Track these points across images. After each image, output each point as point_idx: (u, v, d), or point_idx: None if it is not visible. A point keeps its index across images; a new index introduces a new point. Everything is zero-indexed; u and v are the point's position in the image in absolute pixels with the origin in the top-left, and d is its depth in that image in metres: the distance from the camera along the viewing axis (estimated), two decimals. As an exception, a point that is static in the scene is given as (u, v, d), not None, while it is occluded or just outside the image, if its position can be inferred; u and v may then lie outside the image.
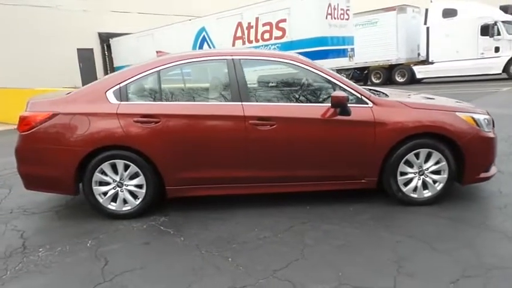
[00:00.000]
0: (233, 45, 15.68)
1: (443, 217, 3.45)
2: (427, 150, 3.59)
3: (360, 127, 3.54)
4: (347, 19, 14.40)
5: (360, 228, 3.30)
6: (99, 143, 3.47)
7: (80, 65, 20.67)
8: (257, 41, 15.06)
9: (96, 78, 15.36)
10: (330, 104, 3.51)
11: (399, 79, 18.67)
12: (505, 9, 16.94)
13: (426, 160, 3.63)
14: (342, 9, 13.96)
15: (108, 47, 21.21)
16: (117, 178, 3.57)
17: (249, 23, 15.05)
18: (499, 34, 15.97)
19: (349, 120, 3.51)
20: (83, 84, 9.01)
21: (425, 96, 4.32)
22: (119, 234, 3.38)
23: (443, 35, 17.17)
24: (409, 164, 3.63)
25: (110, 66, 21.52)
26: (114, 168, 3.56)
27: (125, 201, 3.64)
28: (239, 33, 15.50)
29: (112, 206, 3.64)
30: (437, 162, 3.62)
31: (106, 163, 3.52)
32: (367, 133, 3.55)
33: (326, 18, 13.41)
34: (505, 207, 3.58)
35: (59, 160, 3.52)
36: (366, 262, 2.76)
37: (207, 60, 3.79)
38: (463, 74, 16.86)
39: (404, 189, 3.67)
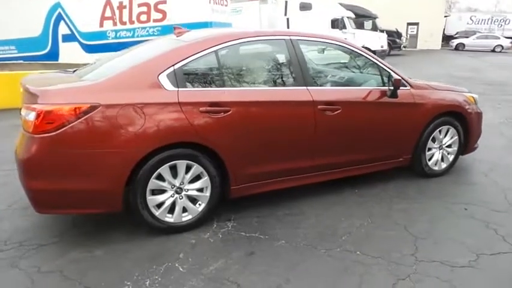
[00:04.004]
0: (101, 26, 13.91)
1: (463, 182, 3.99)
2: (447, 126, 4.03)
3: (404, 108, 3.72)
4: (226, 5, 14.43)
5: (419, 200, 3.55)
6: (160, 141, 2.73)
7: None
8: (132, 22, 13.68)
9: None
10: (381, 87, 3.59)
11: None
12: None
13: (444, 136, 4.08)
14: (222, -5, 13.93)
15: None
16: (177, 183, 2.89)
17: (121, 3, 13.54)
18: (345, 27, 18.48)
19: (397, 102, 3.65)
20: None
21: None
22: (202, 249, 2.76)
23: (300, 26, 18.86)
24: (433, 140, 4.01)
25: None
26: (172, 171, 2.86)
27: (183, 210, 2.98)
28: (108, 13, 13.80)
29: (169, 218, 2.93)
30: (451, 137, 4.10)
31: (165, 166, 2.80)
32: (409, 114, 3.76)
33: (210, 2, 13.17)
34: (491, 171, 4.34)
35: (102, 168, 2.63)
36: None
37: (266, 40, 3.35)
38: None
39: (430, 163, 4.05)
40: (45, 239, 2.89)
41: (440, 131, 4.01)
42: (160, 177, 2.81)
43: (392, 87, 3.56)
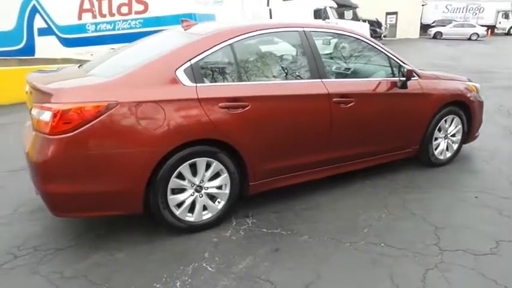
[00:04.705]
0: (80, 18, 13.45)
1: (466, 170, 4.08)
2: (452, 116, 4.08)
3: (413, 99, 3.75)
4: (209, -4, 14.23)
5: (430, 189, 3.61)
6: (181, 139, 2.65)
7: None
8: (112, 15, 13.28)
9: None
10: (391, 78, 3.60)
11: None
12: None
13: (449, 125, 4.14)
14: (203, -15, 13.71)
15: None
16: (197, 181, 2.83)
17: (100, -6, 13.16)
18: (328, 17, 18.50)
19: (407, 93, 3.67)
20: None
21: None
22: (226, 248, 2.72)
23: (283, 16, 18.77)
24: (439, 129, 4.06)
25: None
26: (192, 169, 2.80)
27: (203, 208, 2.92)
28: (87, 5, 13.35)
29: (189, 217, 2.87)
30: (456, 126, 4.16)
31: (185, 164, 2.73)
32: (418, 104, 3.79)
33: (193, -7, 12.95)
34: (491, 160, 4.44)
35: (123, 168, 2.54)
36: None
37: (280, 32, 3.29)
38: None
39: (436, 153, 4.10)
40: (60, 243, 2.79)
41: (445, 121, 4.06)
42: (180, 176, 2.74)
43: (402, 78, 3.58)
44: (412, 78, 3.70)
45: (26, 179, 3.89)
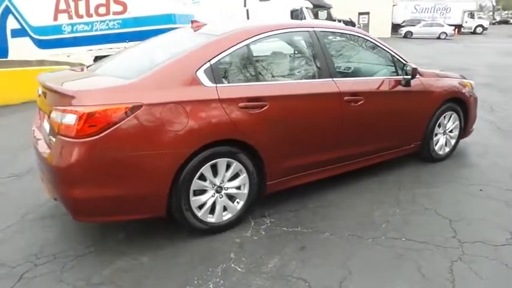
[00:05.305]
0: (55, 19, 13.03)
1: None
2: (450, 112, 4.22)
3: (416, 96, 3.85)
4: (188, -3, 14.10)
5: (436, 184, 3.71)
6: (205, 140, 2.63)
7: None
8: (90, 15, 12.93)
9: None
10: (396, 77, 3.69)
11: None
12: None
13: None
14: (183, -15, 13.59)
15: None
16: (217, 182, 2.81)
17: (76, -6, 12.79)
18: (304, 18, 18.67)
19: (410, 90, 3.76)
20: None
21: None
22: (251, 248, 2.71)
23: (260, 17, 18.82)
24: (439, 125, 4.19)
25: None
26: (213, 169, 2.78)
27: (223, 209, 2.90)
28: (62, 6, 12.96)
29: (210, 218, 2.85)
30: (453, 122, 4.31)
31: (207, 165, 2.71)
32: (420, 101, 3.90)
33: (173, -7, 12.79)
34: (486, 154, 4.61)
35: (147, 171, 2.49)
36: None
37: (293, 32, 3.30)
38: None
39: (436, 148, 4.23)
40: (80, 250, 2.70)
41: (444, 117, 4.19)
42: (201, 177, 2.72)
43: (406, 76, 3.67)
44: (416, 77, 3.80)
45: (28, 184, 3.80)
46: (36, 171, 4.07)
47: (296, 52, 3.46)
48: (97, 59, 12.50)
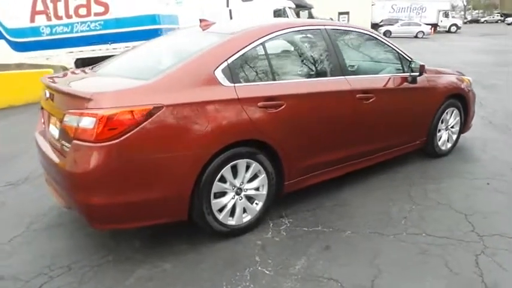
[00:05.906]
0: (32, 21, 12.62)
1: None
2: (452, 108, 4.28)
3: (422, 93, 3.89)
4: (171, -3, 13.91)
5: (443, 179, 3.75)
6: (226, 140, 2.56)
7: None
8: (69, 17, 12.54)
9: None
10: (403, 74, 3.71)
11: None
12: None
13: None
14: (169, -15, 13.39)
15: None
16: (237, 183, 2.75)
17: (54, -5, 12.41)
18: (287, 17, 18.73)
19: (416, 87, 3.79)
20: None
21: None
22: (275, 249, 2.65)
23: (243, 17, 18.77)
24: (442, 121, 4.24)
25: None
26: (232, 171, 2.72)
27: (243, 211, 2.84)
28: (40, 7, 12.56)
29: (231, 221, 2.78)
30: (455, 118, 4.37)
31: (227, 166, 2.64)
32: (426, 97, 3.94)
33: (155, -6, 12.58)
34: (485, 147, 4.71)
35: (169, 174, 2.41)
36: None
37: (306, 30, 3.26)
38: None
39: (439, 144, 4.28)
40: (95, 260, 2.59)
41: (447, 113, 4.24)
42: (221, 179, 2.65)
43: (413, 73, 3.70)
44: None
45: (27, 193, 3.64)
46: (33, 179, 3.94)
47: (309, 50, 3.43)
48: (78, 61, 12.22)
